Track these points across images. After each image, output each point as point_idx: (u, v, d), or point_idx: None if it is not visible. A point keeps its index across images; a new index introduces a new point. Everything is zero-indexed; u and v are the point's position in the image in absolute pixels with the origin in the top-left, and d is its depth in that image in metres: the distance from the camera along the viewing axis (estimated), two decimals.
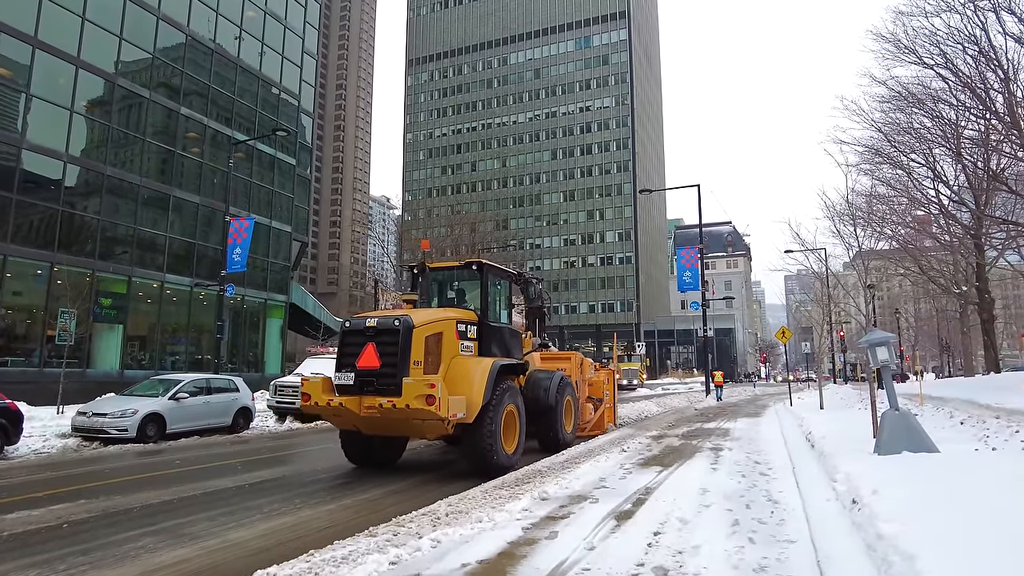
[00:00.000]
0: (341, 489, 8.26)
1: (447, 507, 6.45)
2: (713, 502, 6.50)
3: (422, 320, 9.05)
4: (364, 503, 7.46)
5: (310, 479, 9.13)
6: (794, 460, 9.21)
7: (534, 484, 7.70)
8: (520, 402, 10.06)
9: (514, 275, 12.10)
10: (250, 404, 16.03)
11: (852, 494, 5.51)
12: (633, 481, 7.83)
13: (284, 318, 32.70)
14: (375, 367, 8.54)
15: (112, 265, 24.05)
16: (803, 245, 26.67)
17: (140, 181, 25.32)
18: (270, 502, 7.39)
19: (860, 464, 6.93)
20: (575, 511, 6.20)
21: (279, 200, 32.40)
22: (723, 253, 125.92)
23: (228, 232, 21.93)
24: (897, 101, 21.62)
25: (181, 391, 14.01)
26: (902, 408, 7.92)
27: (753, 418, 18.54)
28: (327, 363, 19.97)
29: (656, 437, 13.05)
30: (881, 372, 8.16)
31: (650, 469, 8.79)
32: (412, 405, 8.10)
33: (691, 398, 30.55)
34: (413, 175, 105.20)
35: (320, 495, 7.87)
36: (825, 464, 7.92)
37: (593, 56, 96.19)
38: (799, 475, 7.85)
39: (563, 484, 7.58)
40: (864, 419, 13.43)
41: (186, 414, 14.02)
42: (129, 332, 24.93)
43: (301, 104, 34.81)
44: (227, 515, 6.74)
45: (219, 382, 15.52)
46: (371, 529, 5.64)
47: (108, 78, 24.17)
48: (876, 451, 7.74)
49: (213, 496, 7.76)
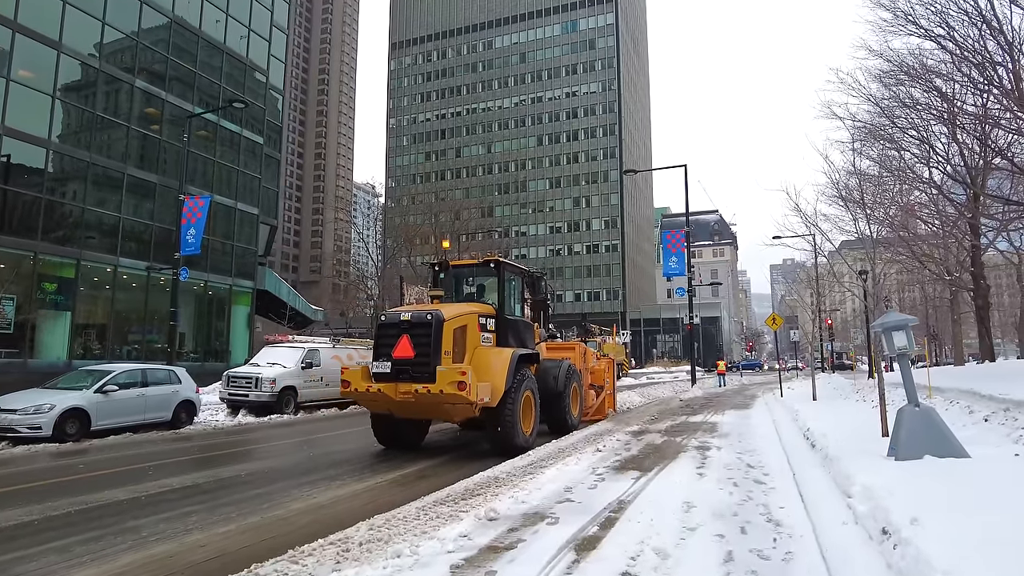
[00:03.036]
0: (256, 502, 6.88)
1: (367, 531, 5.12)
2: (700, 523, 5.22)
3: (451, 314, 9.86)
4: (276, 522, 6.10)
5: (230, 483, 7.76)
6: (793, 463, 7.97)
7: (485, 497, 6.39)
8: (535, 388, 10.89)
9: (525, 272, 12.77)
10: (193, 397, 14.58)
11: (880, 520, 4.24)
12: (604, 492, 6.54)
13: (251, 305, 31.08)
14: (410, 356, 9.43)
15: (57, 247, 22.34)
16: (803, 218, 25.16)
17: (89, 158, 23.57)
18: (161, 520, 6.01)
19: (878, 473, 5.68)
20: (526, 537, 4.90)
21: (245, 180, 30.67)
22: (709, 242, 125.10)
23: (182, 212, 20.32)
24: (894, 75, 20.35)
25: (110, 383, 12.54)
26: (923, 404, 6.68)
27: (742, 410, 17.37)
28: (286, 352, 18.59)
29: (637, 433, 11.79)
30: (898, 361, 6.90)
31: (626, 475, 7.51)
32: (445, 391, 8.97)
33: (676, 388, 29.41)
34: (396, 161, 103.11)
35: (229, 508, 6.49)
36: (832, 470, 6.67)
37: (579, 40, 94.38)
38: (802, 484, 6.59)
39: (519, 497, 6.27)
40: (865, 412, 12.28)
41: (115, 409, 12.55)
42: (79, 320, 23.27)
43: (270, 80, 33.04)
44: (90, 542, 5.35)
45: (157, 373, 14.05)
46: (255, 567, 4.30)
47: (52, 46, 22.34)
48: (892, 455, 6.50)
49: (88, 514, 6.35)
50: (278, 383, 16.93)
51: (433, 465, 9.27)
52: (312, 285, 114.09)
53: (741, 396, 24.72)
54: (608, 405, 16.19)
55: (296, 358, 17.91)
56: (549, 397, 11.55)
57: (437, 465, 9.29)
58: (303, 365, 17.90)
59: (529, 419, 10.47)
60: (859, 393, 16.60)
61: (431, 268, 12.76)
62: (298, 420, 16.44)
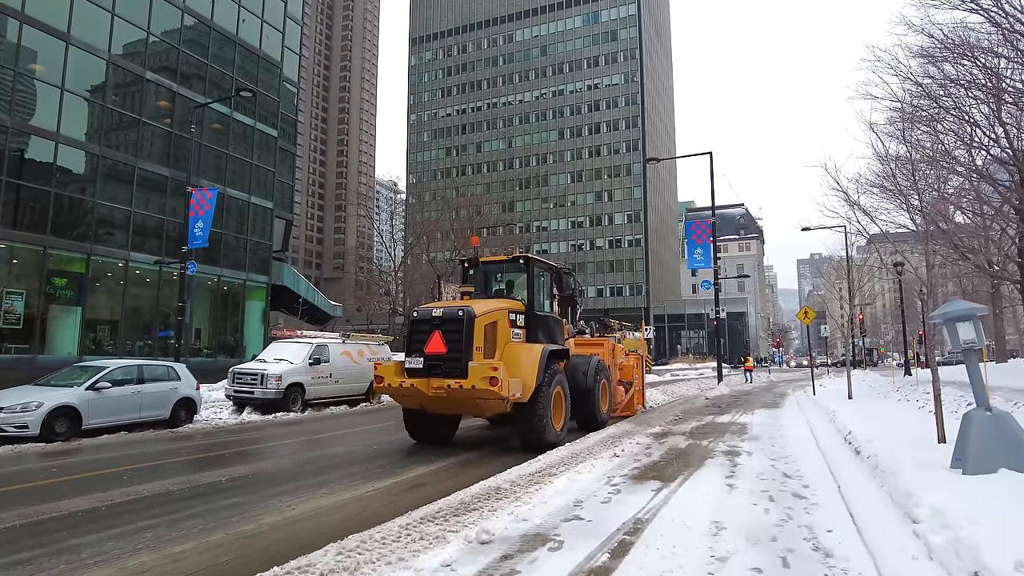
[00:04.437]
0: (227, 514, 6.13)
1: (334, 558, 4.32)
2: (731, 551, 4.33)
3: (482, 310, 9.88)
4: (239, 540, 5.34)
5: (207, 491, 7.02)
6: (836, 472, 7.01)
7: (481, 512, 5.56)
8: (566, 384, 10.89)
9: (554, 267, 12.67)
10: (193, 394, 13.97)
11: (966, 558, 3.32)
12: (619, 508, 5.68)
13: (266, 300, 30.60)
14: (442, 352, 9.48)
15: (67, 242, 22.00)
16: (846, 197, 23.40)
17: (100, 151, 23.20)
18: (111, 537, 5.28)
19: (948, 491, 4.74)
20: (521, 568, 4.07)
21: (259, 174, 30.15)
22: (735, 236, 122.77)
23: (190, 204, 19.81)
24: (936, 51, 19.03)
25: (103, 380, 11.96)
26: (995, 408, 5.69)
27: (772, 409, 16.33)
28: (294, 348, 17.96)
29: (659, 435, 10.88)
30: (964, 357, 5.91)
31: (645, 486, 6.63)
32: (478, 386, 9.04)
33: (702, 385, 28.31)
34: (417, 157, 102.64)
35: (194, 522, 5.73)
36: (887, 484, 5.72)
37: (601, 32, 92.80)
38: (851, 500, 5.66)
39: (520, 512, 5.44)
40: (911, 414, 11.23)
41: (109, 407, 11.97)
42: (89, 315, 22.90)
43: (283, 72, 32.51)
44: (16, 566, 4.63)
45: (155, 370, 13.46)
46: None
47: (61, 38, 21.98)
48: (960, 468, 5.54)
49: (33, 529, 5.63)
50: (284, 380, 16.29)
51: (434, 471, 8.47)
52: (335, 281, 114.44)
53: (770, 394, 23.58)
54: (637, 401, 16.15)
55: (304, 354, 17.26)
56: (578, 393, 11.59)
57: (438, 471, 8.49)
58: (311, 361, 17.26)
59: (560, 415, 10.47)
60: (900, 392, 15.45)
61: (461, 264, 12.84)
62: (305, 418, 15.80)
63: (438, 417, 10.61)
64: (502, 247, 55.61)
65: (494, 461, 9.08)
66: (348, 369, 18.46)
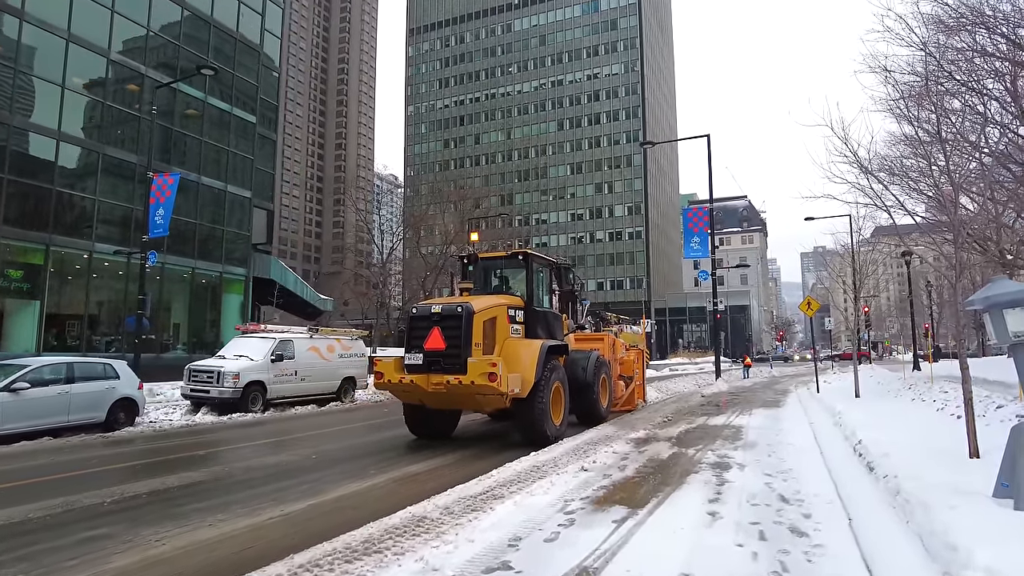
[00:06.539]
0: (111, 544, 4.84)
1: None
2: None
3: (480, 306, 9.90)
4: None
5: (102, 511, 5.72)
6: (845, 496, 5.69)
7: (382, 557, 4.25)
8: (565, 379, 10.87)
9: (554, 263, 12.66)
10: (134, 394, 12.69)
11: None
12: (564, 550, 4.37)
13: (245, 294, 29.32)
14: (441, 348, 9.51)
15: (22, 231, 20.72)
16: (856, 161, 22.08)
17: (59, 136, 21.89)
18: None
19: (1001, 540, 3.42)
20: None
21: (236, 161, 28.81)
22: (738, 228, 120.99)
23: (151, 191, 18.51)
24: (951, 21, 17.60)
25: (20, 381, 10.70)
26: None
27: (772, 409, 15.02)
28: (255, 344, 16.64)
29: (640, 441, 9.58)
30: (1012, 352, 4.59)
31: (607, 514, 5.33)
32: (476, 382, 9.01)
33: (699, 381, 26.96)
34: (415, 149, 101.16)
35: (67, 553, 4.45)
36: (914, 520, 4.40)
37: (601, 21, 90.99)
38: (866, 542, 4.33)
39: (433, 559, 4.14)
40: (929, 417, 9.88)
41: (27, 410, 10.70)
42: (50, 309, 21.67)
43: (264, 56, 31.15)
44: None
45: (86, 368, 12.18)
46: None
47: (15, 14, 20.69)
48: (1011, 499, 4.23)
49: None
50: (242, 378, 15.00)
51: (364, 489, 7.15)
52: (335, 275, 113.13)
53: (771, 391, 22.27)
54: (638, 396, 15.98)
55: (265, 350, 15.97)
56: (578, 388, 11.59)
57: (370, 489, 7.18)
58: (273, 358, 15.96)
59: (559, 410, 10.53)
60: (912, 390, 14.08)
61: (460, 260, 12.82)
62: (265, 419, 14.53)
63: (438, 412, 10.64)
64: (500, 241, 54.24)
65: (461, 468, 7.83)
66: (315, 366, 17.19)
